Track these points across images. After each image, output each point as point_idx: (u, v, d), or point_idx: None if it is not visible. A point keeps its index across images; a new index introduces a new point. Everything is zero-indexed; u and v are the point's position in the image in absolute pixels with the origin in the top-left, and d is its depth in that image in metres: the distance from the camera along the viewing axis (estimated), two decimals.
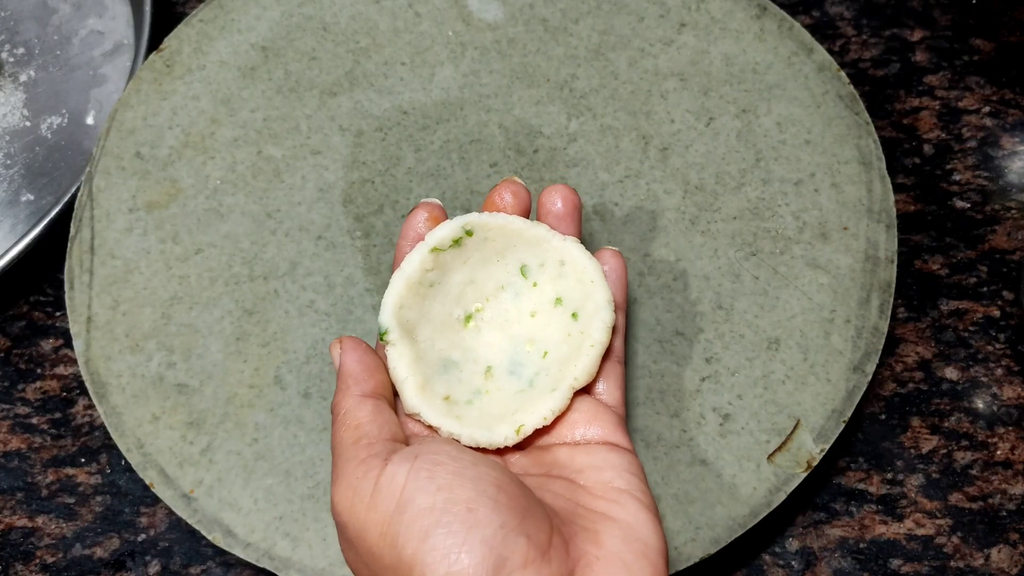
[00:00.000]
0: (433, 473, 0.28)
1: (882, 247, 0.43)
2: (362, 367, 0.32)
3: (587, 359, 0.33)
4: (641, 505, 0.30)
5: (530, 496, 0.29)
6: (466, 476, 0.28)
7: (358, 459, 0.29)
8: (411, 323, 0.34)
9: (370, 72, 0.47)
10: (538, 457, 0.32)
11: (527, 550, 0.26)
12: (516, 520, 0.27)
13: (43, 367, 0.47)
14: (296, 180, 0.45)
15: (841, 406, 0.40)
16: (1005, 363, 0.46)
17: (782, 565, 0.42)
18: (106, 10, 0.55)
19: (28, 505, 0.44)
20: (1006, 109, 0.51)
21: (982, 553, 0.42)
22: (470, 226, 0.34)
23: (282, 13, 0.48)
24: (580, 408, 0.33)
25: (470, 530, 0.26)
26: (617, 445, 0.32)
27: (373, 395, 0.31)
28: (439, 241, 0.34)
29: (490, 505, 0.27)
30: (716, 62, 0.46)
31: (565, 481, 0.31)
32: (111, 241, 0.44)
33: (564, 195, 0.36)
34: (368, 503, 0.28)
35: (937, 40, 0.53)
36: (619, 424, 0.33)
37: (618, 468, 0.31)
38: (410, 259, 0.34)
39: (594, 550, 0.28)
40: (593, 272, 0.34)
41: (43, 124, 0.52)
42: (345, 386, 0.31)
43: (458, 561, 0.26)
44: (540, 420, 0.32)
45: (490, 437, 0.32)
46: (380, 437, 0.30)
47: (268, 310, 0.43)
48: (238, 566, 0.43)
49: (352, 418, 0.30)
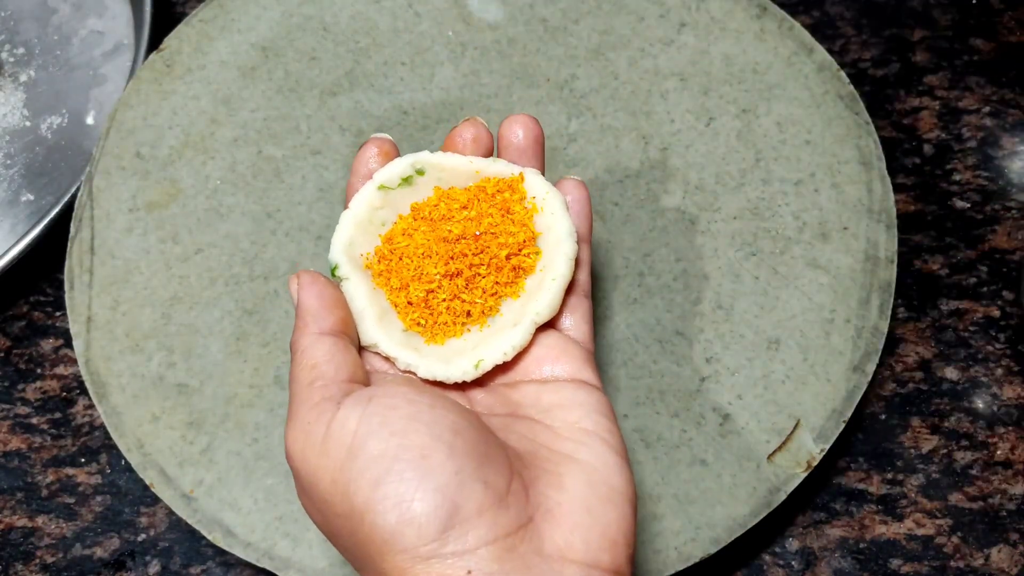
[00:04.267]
0: (386, 418, 0.26)
1: (882, 247, 0.43)
2: (320, 303, 0.30)
3: (549, 293, 0.31)
4: (608, 447, 0.29)
5: (490, 439, 0.28)
6: (421, 420, 0.27)
7: (311, 402, 0.28)
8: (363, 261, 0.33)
9: (370, 72, 0.47)
10: (503, 395, 0.31)
11: (483, 497, 0.25)
12: (472, 466, 0.26)
13: (43, 367, 0.47)
14: (296, 180, 0.45)
15: (841, 406, 0.40)
16: (1005, 363, 0.46)
17: (782, 565, 0.42)
18: (106, 10, 0.55)
19: (28, 505, 0.44)
20: (1006, 109, 0.51)
21: (982, 553, 0.42)
22: (420, 165, 0.33)
23: (282, 13, 0.48)
24: (546, 343, 0.31)
25: (423, 477, 0.25)
26: (585, 382, 0.31)
27: (332, 332, 0.29)
28: (387, 179, 0.32)
29: (445, 451, 0.26)
30: (716, 62, 0.46)
31: (531, 421, 0.30)
32: (111, 241, 0.44)
33: (525, 125, 0.33)
34: (320, 449, 0.27)
35: (937, 40, 0.53)
36: (587, 360, 0.32)
37: (586, 407, 0.30)
38: (358, 198, 0.32)
39: (556, 495, 0.27)
40: (553, 203, 0.32)
41: (43, 124, 0.52)
42: (303, 323, 0.30)
43: (409, 510, 0.25)
44: (500, 356, 0.31)
45: (447, 371, 0.31)
46: (336, 378, 0.28)
47: (268, 310, 0.43)
48: (238, 566, 0.43)
49: (309, 357, 0.29)
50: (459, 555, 0.25)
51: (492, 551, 0.25)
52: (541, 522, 0.26)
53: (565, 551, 0.26)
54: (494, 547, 0.25)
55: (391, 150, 0.34)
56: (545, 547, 0.26)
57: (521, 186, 0.33)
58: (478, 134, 0.34)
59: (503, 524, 0.25)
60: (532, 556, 0.25)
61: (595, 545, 0.26)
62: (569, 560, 0.26)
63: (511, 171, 0.33)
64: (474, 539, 0.25)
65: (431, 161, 0.33)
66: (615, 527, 0.27)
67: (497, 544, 0.25)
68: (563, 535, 0.26)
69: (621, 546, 0.27)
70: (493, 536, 0.25)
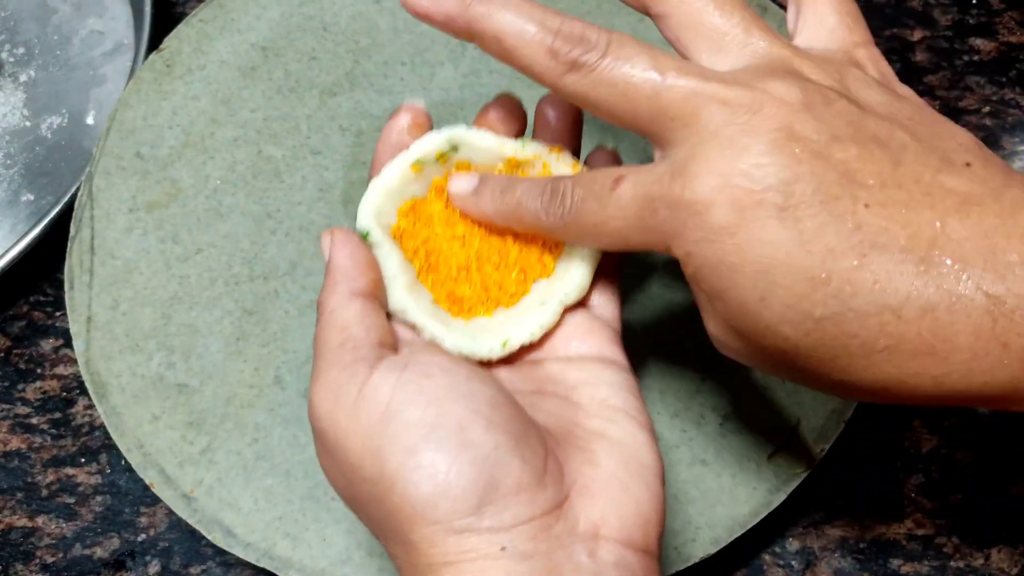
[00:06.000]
0: (422, 386, 0.26)
1: None
2: (353, 263, 0.29)
3: (578, 274, 0.31)
4: (637, 424, 0.28)
5: (525, 417, 0.27)
6: (459, 392, 0.26)
7: (342, 364, 0.27)
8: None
9: (370, 72, 0.47)
10: (528, 373, 0.30)
11: (521, 474, 0.25)
12: (511, 442, 0.25)
13: (43, 367, 0.47)
14: (296, 180, 0.45)
15: (841, 406, 0.40)
16: None
17: (782, 565, 0.42)
18: (106, 10, 0.55)
19: (28, 505, 0.44)
20: (1006, 109, 0.51)
21: (982, 553, 0.42)
22: (456, 140, 0.32)
23: (282, 13, 0.48)
24: (573, 322, 0.31)
25: (461, 449, 0.24)
26: (612, 361, 0.30)
27: (363, 294, 0.28)
28: (423, 156, 0.31)
29: (484, 424, 0.25)
30: None
31: (558, 398, 0.29)
32: (111, 241, 0.44)
33: (564, 103, 0.32)
34: (350, 411, 0.26)
35: (937, 40, 0.53)
36: (614, 339, 0.31)
37: (614, 385, 0.29)
38: (391, 168, 0.31)
39: (590, 471, 0.26)
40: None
41: (43, 124, 0.52)
42: (333, 282, 0.29)
43: (445, 481, 0.24)
44: (528, 335, 0.30)
45: (474, 347, 0.30)
46: (367, 341, 0.27)
47: (268, 310, 0.43)
48: (238, 566, 0.43)
49: (339, 318, 0.28)
50: (494, 531, 0.24)
51: (528, 530, 0.24)
52: (576, 499, 0.26)
53: (599, 527, 0.25)
54: (530, 526, 0.25)
55: (425, 121, 0.32)
56: (580, 525, 0.25)
57: (549, 168, 0.32)
58: (512, 111, 0.32)
59: (540, 503, 0.25)
60: (566, 536, 0.25)
61: (629, 522, 0.26)
62: (603, 537, 0.25)
63: (543, 151, 0.32)
64: (511, 517, 0.24)
65: (466, 138, 0.32)
66: (648, 504, 0.26)
67: (533, 523, 0.25)
68: (599, 511, 0.26)
69: (653, 524, 0.26)
70: (530, 515, 0.25)
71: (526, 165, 0.32)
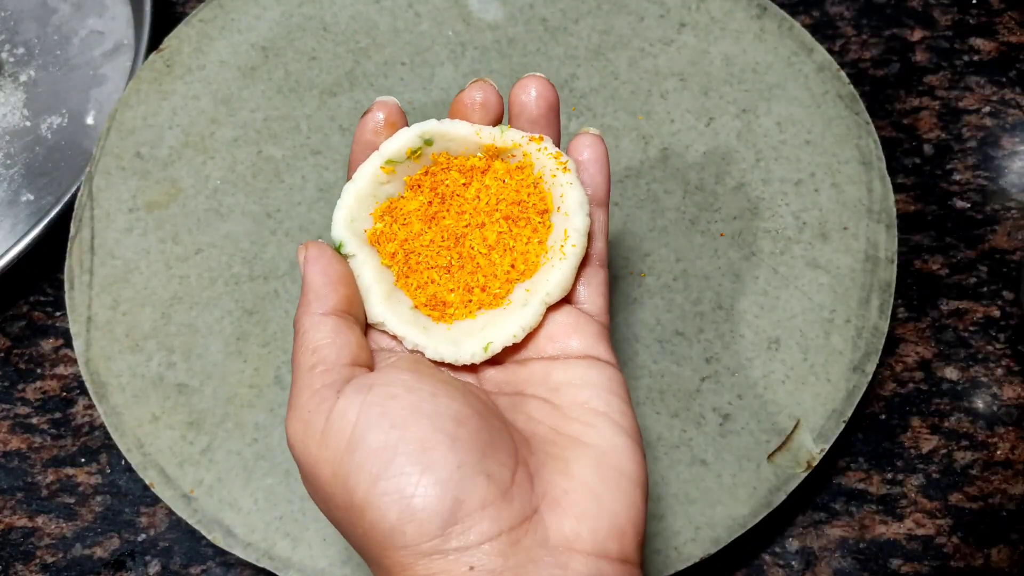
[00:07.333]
0: (386, 408, 0.26)
1: (882, 247, 0.43)
2: (325, 279, 0.29)
3: (560, 272, 0.30)
4: (618, 429, 0.27)
5: (495, 426, 0.27)
6: (422, 412, 0.26)
7: (312, 388, 0.27)
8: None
9: (370, 72, 0.47)
10: (514, 373, 0.30)
11: (486, 491, 0.25)
12: (475, 458, 0.25)
13: (43, 367, 0.47)
14: (296, 180, 0.45)
15: (841, 406, 0.40)
16: (1005, 363, 0.46)
17: (782, 565, 0.42)
18: (106, 10, 0.55)
19: (28, 505, 0.44)
20: (1006, 109, 0.51)
21: (982, 553, 0.42)
22: (429, 135, 0.31)
23: (282, 13, 0.48)
24: (558, 319, 0.30)
25: (424, 472, 0.25)
26: (598, 359, 0.29)
27: (335, 312, 0.28)
28: (394, 153, 0.31)
29: (447, 443, 0.25)
30: (716, 62, 0.46)
31: (539, 401, 0.29)
32: (111, 241, 0.44)
33: (539, 89, 0.31)
34: (320, 440, 0.26)
35: (937, 40, 0.53)
36: (601, 335, 0.30)
37: (597, 387, 0.28)
38: (362, 171, 0.31)
39: (562, 482, 0.26)
40: (565, 174, 0.30)
41: (43, 124, 0.52)
42: (306, 301, 0.28)
43: (410, 506, 0.24)
44: (510, 338, 0.30)
45: (456, 353, 0.29)
46: (338, 362, 0.27)
47: (268, 310, 0.43)
48: (238, 566, 0.43)
49: (310, 340, 0.28)
50: (461, 551, 0.24)
51: (495, 546, 0.24)
52: (547, 512, 0.26)
53: (572, 541, 0.25)
54: (497, 542, 0.25)
55: (398, 118, 0.31)
56: (551, 538, 0.25)
57: (530, 158, 0.31)
58: (487, 98, 0.31)
59: (507, 518, 0.25)
60: (537, 549, 0.25)
61: (602, 535, 0.26)
62: (575, 551, 0.25)
63: (522, 139, 0.31)
64: (477, 535, 0.24)
65: (439, 130, 0.31)
66: (623, 515, 0.26)
67: (501, 539, 0.25)
68: (570, 525, 0.25)
69: (630, 535, 0.26)
70: (496, 531, 0.25)
71: (505, 153, 0.31)
